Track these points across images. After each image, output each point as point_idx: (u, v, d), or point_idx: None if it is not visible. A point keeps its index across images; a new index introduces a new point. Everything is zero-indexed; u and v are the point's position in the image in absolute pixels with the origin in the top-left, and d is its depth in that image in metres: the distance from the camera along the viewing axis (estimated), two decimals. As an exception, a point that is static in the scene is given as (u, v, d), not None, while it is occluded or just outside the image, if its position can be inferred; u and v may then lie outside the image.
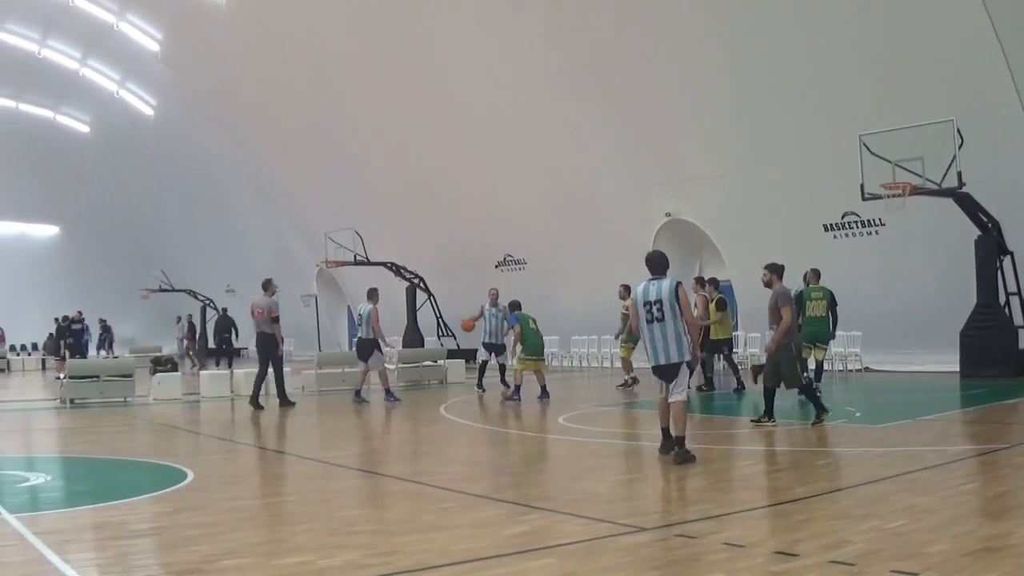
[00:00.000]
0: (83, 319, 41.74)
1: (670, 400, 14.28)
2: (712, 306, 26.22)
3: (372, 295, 26.37)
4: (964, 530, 9.34)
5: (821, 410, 17.78)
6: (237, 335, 45.49)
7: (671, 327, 14.08)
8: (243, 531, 10.15)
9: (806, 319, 22.44)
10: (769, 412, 18.06)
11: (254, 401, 24.75)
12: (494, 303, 28.12)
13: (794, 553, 8.57)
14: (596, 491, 12.06)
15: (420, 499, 12.20)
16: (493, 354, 27.90)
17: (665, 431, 14.46)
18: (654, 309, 14.19)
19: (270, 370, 25.75)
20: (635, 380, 27.21)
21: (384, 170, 48.55)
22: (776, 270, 18.44)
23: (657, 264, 14.64)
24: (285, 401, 25.61)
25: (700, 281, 27.19)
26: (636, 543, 9.24)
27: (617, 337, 29.37)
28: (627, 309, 25.79)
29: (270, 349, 25.25)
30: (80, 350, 40.91)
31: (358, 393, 25.74)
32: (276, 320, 25.35)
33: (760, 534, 9.52)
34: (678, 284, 14.28)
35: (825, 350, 24.64)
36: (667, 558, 8.72)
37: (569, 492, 12.06)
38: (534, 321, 25.63)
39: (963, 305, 27.61)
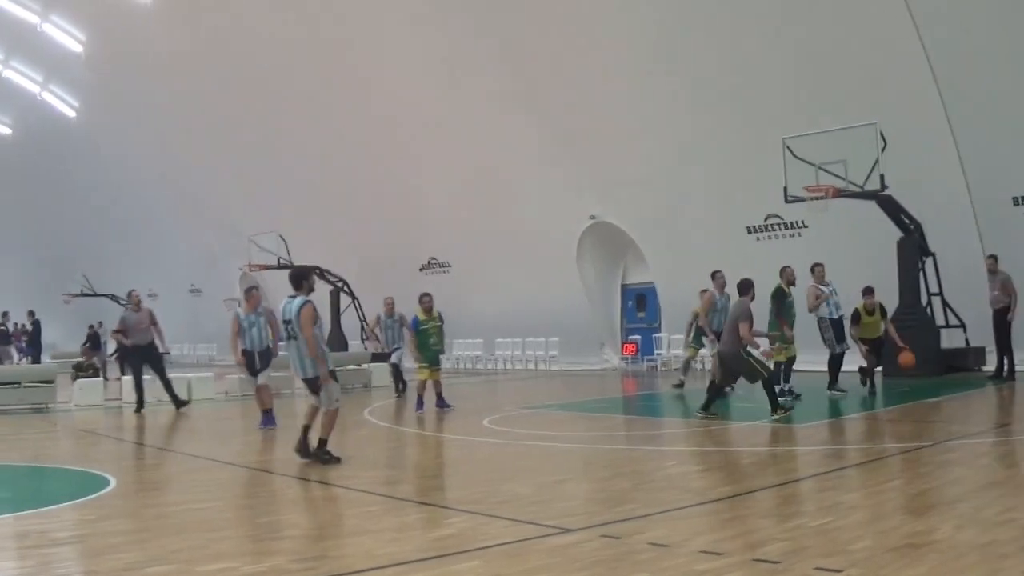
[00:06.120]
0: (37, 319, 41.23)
1: (323, 409, 15.13)
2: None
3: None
4: (888, 527, 9.38)
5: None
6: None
7: (303, 345, 14.78)
8: (167, 538, 10.03)
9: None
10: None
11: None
12: (390, 314, 28.14)
13: (719, 552, 8.58)
14: (521, 493, 12.02)
15: (345, 503, 12.16)
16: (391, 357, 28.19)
17: (305, 428, 15.24)
18: (289, 328, 14.94)
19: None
20: (682, 384, 26.55)
21: (309, 173, 48.37)
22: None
23: (293, 280, 15.31)
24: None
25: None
26: (562, 544, 9.21)
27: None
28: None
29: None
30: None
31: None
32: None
33: (685, 533, 9.52)
34: (303, 304, 14.79)
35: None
36: (593, 559, 8.68)
37: (494, 494, 12.03)
38: (435, 331, 24.21)
39: (886, 305, 27.80)
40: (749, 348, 18.82)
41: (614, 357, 40.04)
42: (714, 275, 24.67)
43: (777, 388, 21.95)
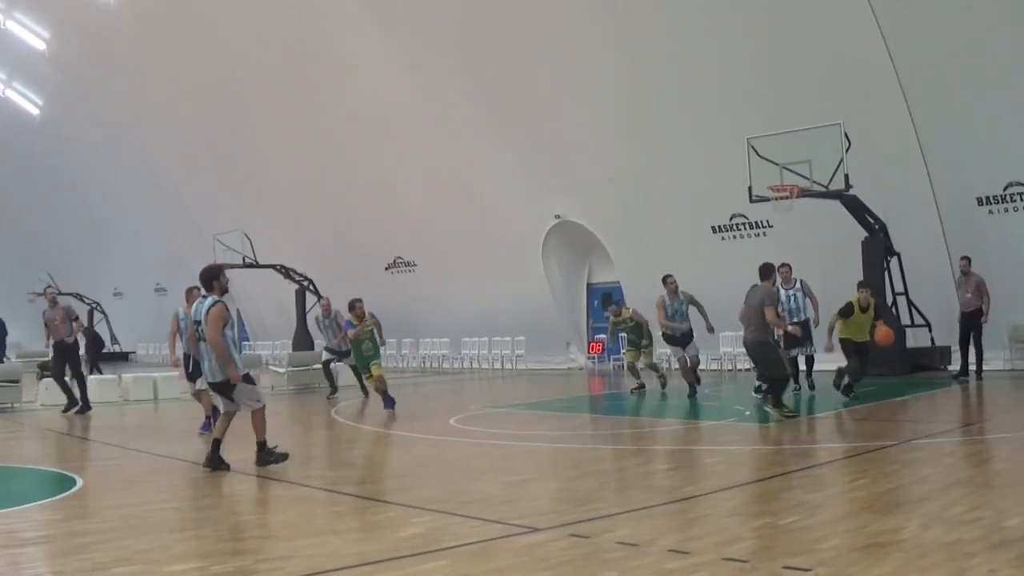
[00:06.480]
0: None
1: (248, 411, 14.52)
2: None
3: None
4: (855, 525, 9.41)
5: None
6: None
7: (211, 347, 14.10)
8: (134, 538, 9.98)
9: None
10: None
11: None
12: (327, 314, 27.94)
13: (686, 551, 8.58)
14: (489, 492, 12.02)
15: (312, 503, 12.11)
16: (340, 359, 28.21)
17: (216, 442, 14.54)
18: (199, 329, 14.26)
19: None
20: (642, 386, 25.73)
21: (275, 172, 48.26)
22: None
23: (203, 280, 14.63)
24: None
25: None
26: (530, 543, 9.21)
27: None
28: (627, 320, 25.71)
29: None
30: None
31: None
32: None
33: (653, 532, 9.52)
34: (213, 304, 14.12)
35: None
36: (561, 558, 8.68)
37: (462, 493, 12.02)
38: (366, 336, 23.01)
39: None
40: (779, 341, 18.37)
41: (580, 356, 40.09)
42: (665, 280, 24.03)
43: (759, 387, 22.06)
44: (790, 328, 19.75)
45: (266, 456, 14.42)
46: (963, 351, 26.39)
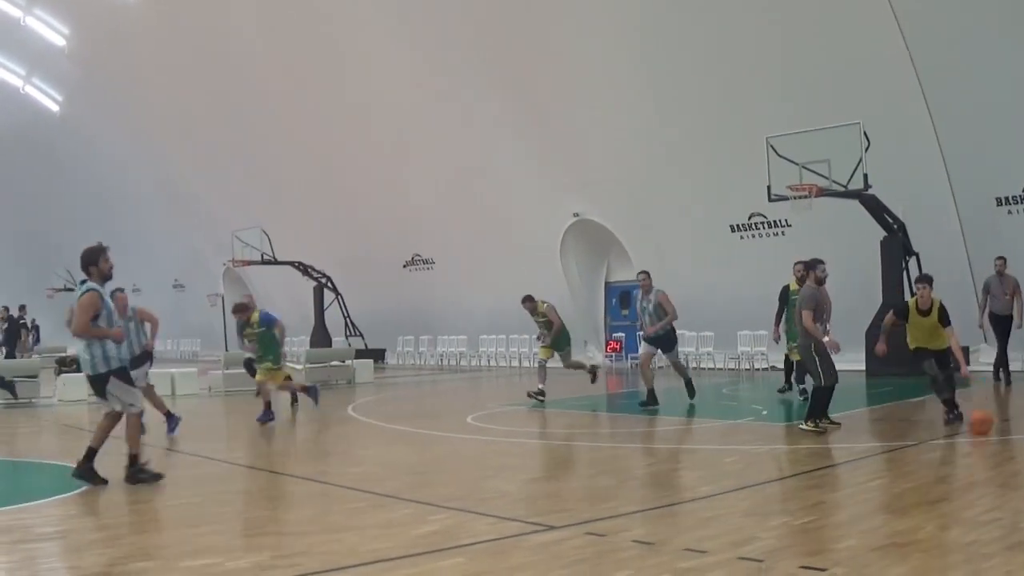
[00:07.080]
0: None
1: (127, 413, 13.22)
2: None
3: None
4: (872, 526, 9.40)
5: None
6: None
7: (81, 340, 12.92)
8: (150, 533, 10.03)
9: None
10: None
11: None
12: None
13: (702, 550, 8.57)
14: (505, 490, 12.02)
15: (328, 499, 12.12)
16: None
17: (90, 451, 13.15)
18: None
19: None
20: (541, 393, 25.13)
21: (293, 169, 48.27)
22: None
23: (80, 263, 13.36)
24: None
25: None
26: (546, 541, 9.21)
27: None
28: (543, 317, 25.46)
29: None
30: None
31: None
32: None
33: (669, 531, 9.53)
34: (84, 292, 12.81)
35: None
36: (577, 556, 8.68)
37: (478, 491, 12.01)
38: (252, 338, 23.41)
39: (869, 305, 27.82)
40: (829, 349, 16.71)
41: (598, 355, 40.03)
42: (638, 275, 22.88)
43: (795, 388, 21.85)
44: (826, 340, 17.77)
45: (136, 472, 13.01)
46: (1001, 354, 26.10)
